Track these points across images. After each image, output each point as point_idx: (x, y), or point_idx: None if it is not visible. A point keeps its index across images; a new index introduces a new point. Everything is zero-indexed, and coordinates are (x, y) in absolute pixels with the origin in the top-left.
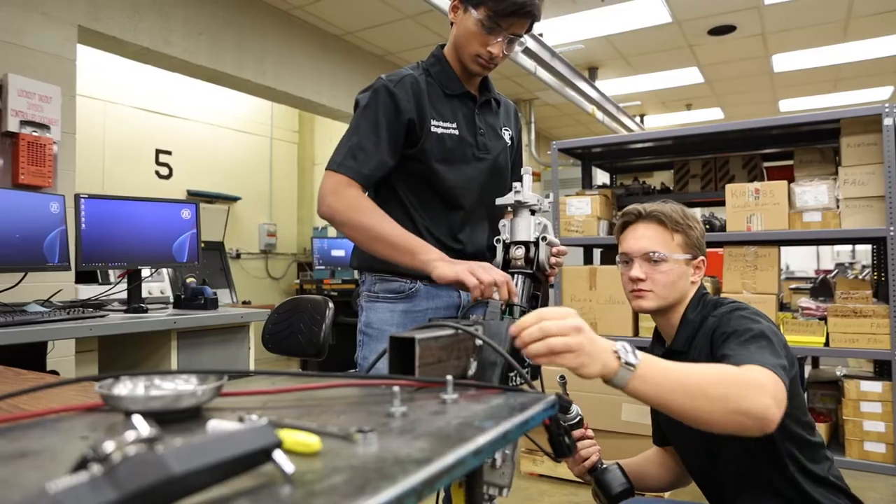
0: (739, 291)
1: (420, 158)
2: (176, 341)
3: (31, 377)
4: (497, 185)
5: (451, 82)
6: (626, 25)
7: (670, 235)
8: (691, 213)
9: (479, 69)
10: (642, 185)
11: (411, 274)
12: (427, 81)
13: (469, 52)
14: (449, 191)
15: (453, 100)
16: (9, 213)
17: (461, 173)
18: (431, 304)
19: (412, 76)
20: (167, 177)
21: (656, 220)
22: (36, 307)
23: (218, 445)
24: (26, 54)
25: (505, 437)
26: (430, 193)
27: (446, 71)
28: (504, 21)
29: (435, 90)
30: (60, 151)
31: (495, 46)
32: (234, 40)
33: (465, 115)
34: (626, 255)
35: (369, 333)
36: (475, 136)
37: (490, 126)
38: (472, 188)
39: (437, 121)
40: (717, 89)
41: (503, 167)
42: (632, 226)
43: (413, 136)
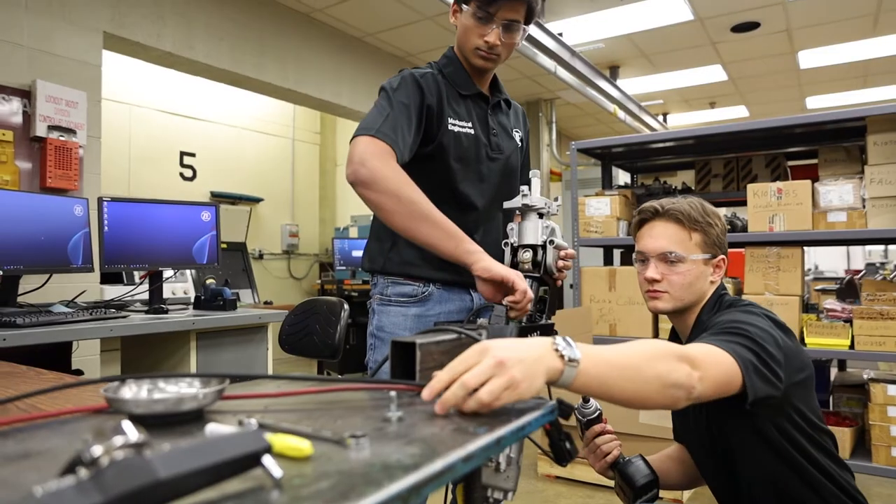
0: (761, 293)
1: (436, 156)
2: (195, 342)
3: (51, 377)
4: (509, 186)
5: (465, 82)
6: (646, 24)
7: (688, 234)
8: (713, 209)
9: (482, 62)
10: (663, 184)
11: (425, 277)
12: (441, 80)
13: (469, 47)
14: (464, 190)
15: (467, 100)
16: (34, 216)
17: (476, 173)
18: (444, 308)
19: (431, 73)
20: (191, 178)
21: (673, 218)
22: (61, 308)
23: (206, 450)
24: (54, 61)
25: (498, 443)
26: (446, 193)
27: (458, 71)
28: (492, 7)
29: (450, 90)
30: (86, 155)
31: (491, 35)
32: (255, 44)
33: (478, 115)
34: (642, 254)
35: (381, 337)
36: (489, 136)
37: (502, 127)
38: (487, 189)
39: (454, 119)
40: (742, 87)
41: (515, 168)
42: (648, 223)
43: (431, 130)
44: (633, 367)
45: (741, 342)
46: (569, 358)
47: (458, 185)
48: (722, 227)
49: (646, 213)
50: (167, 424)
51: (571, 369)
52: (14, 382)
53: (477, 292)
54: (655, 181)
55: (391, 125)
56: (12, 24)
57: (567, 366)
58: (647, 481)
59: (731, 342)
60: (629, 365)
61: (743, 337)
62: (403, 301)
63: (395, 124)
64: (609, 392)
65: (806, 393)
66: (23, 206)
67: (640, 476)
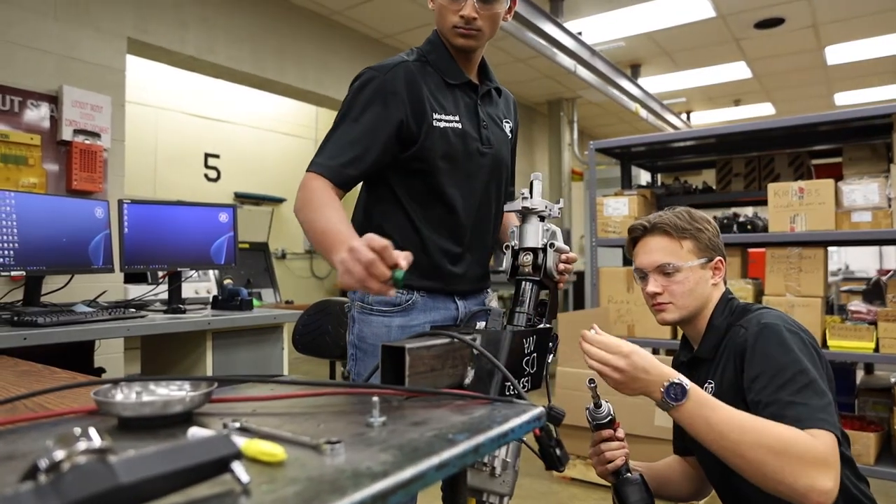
0: (783, 294)
1: (421, 157)
2: (211, 341)
3: (63, 376)
4: (499, 180)
5: (451, 70)
6: (667, 21)
7: (679, 244)
8: (701, 214)
9: (463, 41)
10: (683, 184)
11: (408, 284)
12: (423, 69)
13: (446, 26)
14: (452, 193)
15: (454, 90)
16: (56, 218)
17: (465, 171)
18: (429, 318)
19: (405, 65)
20: (215, 179)
21: (662, 231)
22: (82, 307)
23: (172, 455)
24: (80, 67)
25: (476, 450)
26: (433, 197)
27: (443, 57)
28: None
29: (434, 79)
30: (110, 158)
31: (466, 8)
32: (275, 46)
33: (467, 105)
34: (640, 270)
35: (363, 348)
36: (478, 128)
37: (492, 117)
38: (477, 186)
39: (439, 114)
40: (767, 84)
41: (505, 160)
42: (640, 241)
43: (409, 135)
44: (732, 443)
45: (817, 402)
46: (665, 399)
47: (445, 189)
48: (713, 230)
49: (636, 231)
50: (155, 427)
51: (665, 405)
52: (27, 381)
53: (462, 300)
54: (675, 181)
55: (327, 151)
56: (42, 32)
57: (663, 401)
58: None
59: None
60: (730, 441)
61: (812, 392)
62: (386, 311)
63: (332, 146)
64: (700, 440)
65: (832, 402)
66: (45, 208)
67: (634, 500)
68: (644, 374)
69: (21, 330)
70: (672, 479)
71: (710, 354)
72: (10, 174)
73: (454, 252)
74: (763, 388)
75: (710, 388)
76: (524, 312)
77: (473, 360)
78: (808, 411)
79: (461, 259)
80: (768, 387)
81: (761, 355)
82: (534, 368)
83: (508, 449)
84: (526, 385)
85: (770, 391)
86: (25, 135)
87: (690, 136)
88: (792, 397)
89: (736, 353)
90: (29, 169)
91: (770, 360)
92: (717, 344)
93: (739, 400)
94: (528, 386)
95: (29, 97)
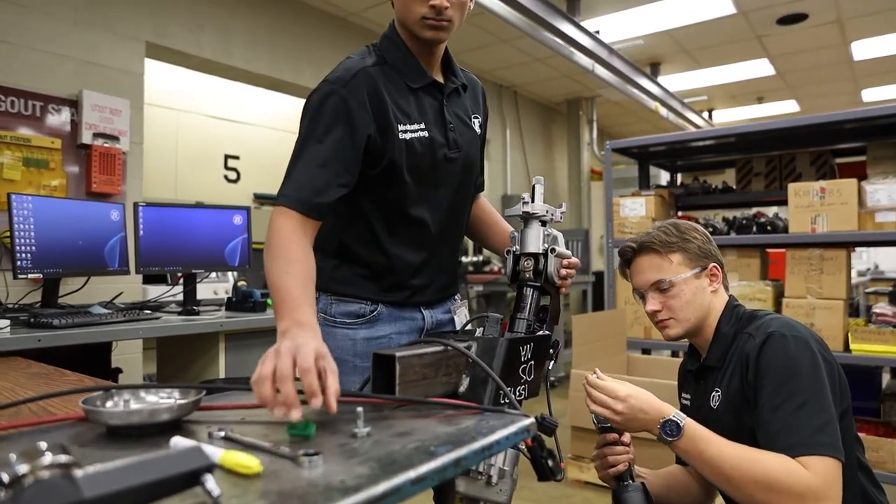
0: (803, 296)
1: (388, 172)
2: (224, 343)
3: (72, 378)
4: (468, 184)
5: (413, 71)
6: (687, 19)
7: (668, 258)
8: (688, 224)
9: (432, 33)
10: (702, 184)
11: (372, 298)
12: (384, 73)
13: (413, 18)
14: (418, 209)
15: (418, 93)
16: (73, 221)
17: (432, 181)
18: (394, 329)
19: (365, 72)
20: (235, 181)
21: (649, 248)
22: (99, 309)
23: (139, 469)
24: (99, 71)
25: (457, 463)
26: (398, 215)
27: (404, 56)
28: None
29: (395, 83)
30: (129, 160)
31: None
32: (291, 48)
33: (432, 107)
34: (637, 291)
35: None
36: (445, 133)
37: (459, 118)
38: (446, 194)
39: (403, 124)
40: (791, 81)
41: (474, 161)
42: (632, 263)
43: (375, 149)
44: (723, 475)
45: (814, 422)
46: (661, 435)
47: (413, 206)
48: (702, 238)
49: (626, 253)
50: (143, 435)
51: (663, 440)
52: (36, 384)
53: (428, 310)
54: (695, 180)
55: (294, 179)
56: (62, 37)
57: (660, 437)
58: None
59: (807, 430)
60: (723, 473)
61: (810, 410)
62: (350, 323)
63: (301, 174)
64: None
65: (845, 415)
66: (62, 212)
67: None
68: (642, 413)
69: (36, 332)
70: (677, 487)
71: (718, 363)
72: (31, 177)
73: (420, 265)
74: (763, 405)
75: (717, 396)
76: (524, 318)
77: (468, 368)
78: (801, 436)
79: (428, 271)
80: (766, 405)
81: (763, 368)
82: (531, 376)
83: (506, 456)
84: (522, 393)
85: (767, 410)
86: (47, 138)
87: (709, 135)
88: (787, 418)
89: (742, 361)
90: (50, 172)
91: (769, 375)
92: (724, 352)
93: (745, 409)
94: (525, 394)
95: (50, 101)
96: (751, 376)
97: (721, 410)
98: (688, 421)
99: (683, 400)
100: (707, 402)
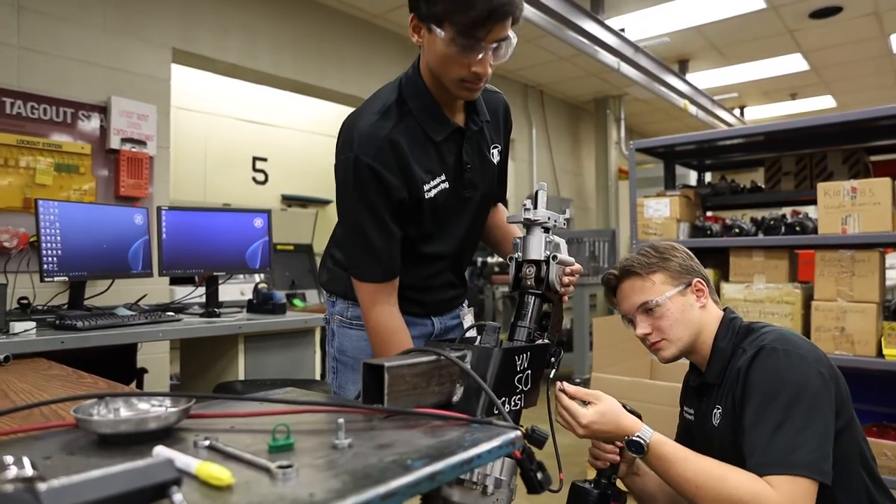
0: (833, 299)
1: (413, 224)
2: (243, 345)
3: (87, 381)
4: (483, 214)
5: (436, 122)
6: (715, 15)
7: (649, 280)
8: (665, 245)
9: (468, 94)
10: (730, 184)
11: None
12: (407, 130)
13: (450, 77)
14: (439, 244)
15: (439, 143)
16: (97, 226)
17: (449, 222)
18: None
19: (387, 138)
20: (263, 182)
21: (629, 273)
22: (124, 311)
23: (104, 483)
24: (127, 77)
25: (433, 478)
26: (419, 252)
27: (428, 106)
28: (480, 31)
29: (417, 138)
30: (156, 164)
31: (479, 64)
32: (316, 51)
33: (451, 153)
34: (625, 316)
35: (343, 361)
36: (463, 176)
37: (478, 155)
38: (462, 226)
39: (428, 183)
40: (826, 76)
41: (490, 192)
42: (616, 289)
43: (404, 208)
44: (691, 493)
45: (790, 442)
46: (630, 452)
47: (426, 244)
48: (682, 255)
49: (609, 282)
50: (134, 443)
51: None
52: (52, 386)
53: (438, 317)
54: (722, 180)
55: (368, 254)
56: (91, 45)
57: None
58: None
59: (782, 449)
60: (688, 489)
61: (791, 428)
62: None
63: (372, 249)
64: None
65: (846, 428)
66: (87, 216)
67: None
68: (605, 434)
69: (60, 333)
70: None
71: (717, 379)
72: (63, 182)
73: (433, 287)
74: (745, 421)
75: (717, 413)
76: (525, 327)
77: (462, 378)
78: (775, 455)
79: (440, 289)
80: (748, 421)
81: (750, 384)
82: (528, 386)
83: (503, 465)
84: (518, 403)
85: (749, 426)
86: (77, 144)
87: (736, 134)
88: (765, 435)
89: (737, 376)
90: (80, 177)
91: (755, 391)
92: (723, 368)
93: (740, 427)
94: (521, 404)
95: (80, 108)
96: (739, 392)
97: (721, 428)
98: (653, 440)
99: (687, 414)
100: (710, 419)
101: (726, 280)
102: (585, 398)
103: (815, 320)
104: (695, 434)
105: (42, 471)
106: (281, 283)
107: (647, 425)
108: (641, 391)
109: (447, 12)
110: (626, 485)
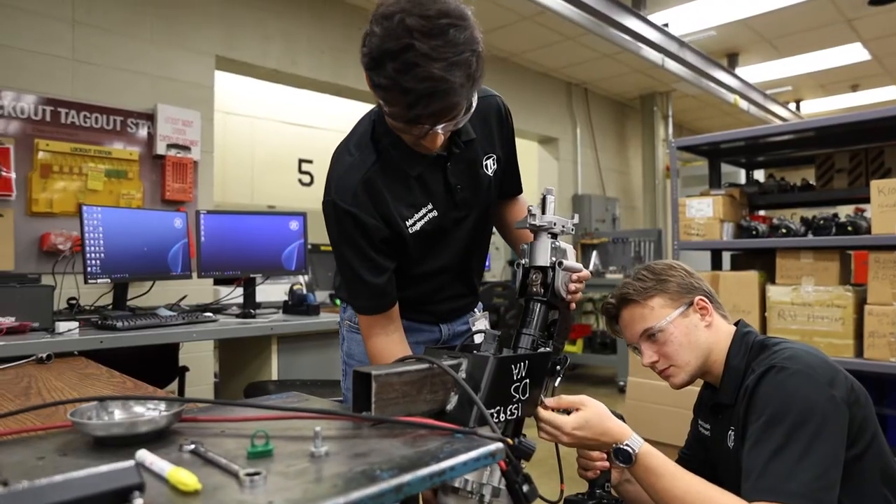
0: (889, 303)
1: (402, 255)
2: (276, 346)
3: (117, 380)
4: (483, 224)
5: (410, 159)
6: (764, 6)
7: (648, 306)
8: (663, 265)
9: (428, 151)
10: (779, 182)
11: None
12: (383, 170)
13: (406, 139)
14: (434, 269)
15: (420, 175)
16: (138, 230)
17: (445, 244)
18: (412, 339)
19: (363, 181)
20: (309, 184)
21: (627, 301)
22: (165, 311)
23: (65, 488)
24: (172, 85)
25: (399, 489)
26: (414, 278)
27: (400, 145)
28: (424, 120)
29: (396, 174)
30: (200, 168)
31: (430, 139)
32: (354, 55)
33: (436, 181)
34: (630, 345)
35: (352, 365)
36: (453, 198)
37: (467, 174)
38: (459, 246)
39: (410, 219)
40: (890, 66)
41: (488, 201)
42: (618, 319)
43: (392, 246)
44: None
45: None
46: (615, 462)
47: (419, 266)
48: (681, 273)
49: (609, 311)
50: (126, 445)
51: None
52: (84, 385)
53: (446, 324)
54: (770, 178)
55: (360, 288)
56: (139, 55)
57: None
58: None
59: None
60: (672, 502)
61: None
62: None
63: (363, 284)
64: None
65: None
66: (129, 221)
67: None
68: (594, 442)
69: (100, 333)
70: None
71: (731, 399)
72: (112, 187)
73: (441, 297)
74: (747, 442)
75: (732, 435)
76: (529, 334)
77: (457, 386)
78: (769, 480)
79: (446, 300)
80: (749, 442)
81: (755, 404)
82: (525, 395)
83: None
84: (514, 412)
85: (748, 447)
86: (126, 151)
87: (785, 129)
88: (762, 459)
89: (746, 396)
90: (129, 182)
91: (759, 411)
92: (736, 387)
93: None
94: (518, 413)
95: (129, 116)
96: (743, 411)
97: (734, 451)
98: (642, 450)
99: (703, 429)
100: (725, 440)
101: (773, 282)
102: (570, 406)
103: (868, 325)
104: (711, 453)
105: (30, 473)
106: (324, 283)
107: (635, 433)
108: (678, 396)
109: (387, 102)
110: (619, 493)
